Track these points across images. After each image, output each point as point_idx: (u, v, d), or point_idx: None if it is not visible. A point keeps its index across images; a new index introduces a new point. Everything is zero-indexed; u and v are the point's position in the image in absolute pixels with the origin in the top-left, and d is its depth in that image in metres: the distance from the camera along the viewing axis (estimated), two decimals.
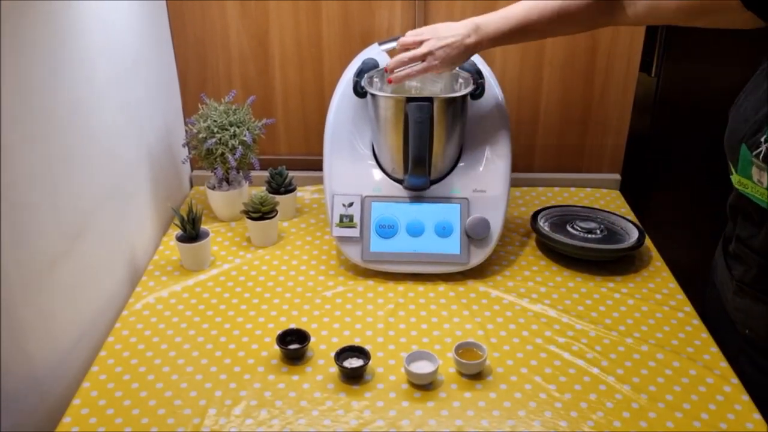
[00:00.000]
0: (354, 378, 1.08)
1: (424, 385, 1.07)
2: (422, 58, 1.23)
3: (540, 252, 1.44)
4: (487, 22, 1.22)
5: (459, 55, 1.23)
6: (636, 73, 1.63)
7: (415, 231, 1.34)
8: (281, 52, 1.63)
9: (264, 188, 1.55)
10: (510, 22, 1.20)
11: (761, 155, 0.95)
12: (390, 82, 1.26)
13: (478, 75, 1.37)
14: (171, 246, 1.45)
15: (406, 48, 1.26)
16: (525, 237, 1.50)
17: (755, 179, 0.98)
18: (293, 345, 1.13)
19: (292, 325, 1.20)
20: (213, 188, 1.54)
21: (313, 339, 1.16)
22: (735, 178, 1.04)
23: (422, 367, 1.08)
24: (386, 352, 1.15)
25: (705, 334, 1.19)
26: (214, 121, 1.46)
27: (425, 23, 1.58)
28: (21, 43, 0.96)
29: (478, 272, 1.36)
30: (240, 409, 1.03)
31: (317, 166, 1.48)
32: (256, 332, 1.19)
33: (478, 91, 1.36)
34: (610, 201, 1.66)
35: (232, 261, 1.41)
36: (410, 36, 1.26)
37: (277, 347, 1.13)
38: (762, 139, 0.95)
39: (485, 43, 1.22)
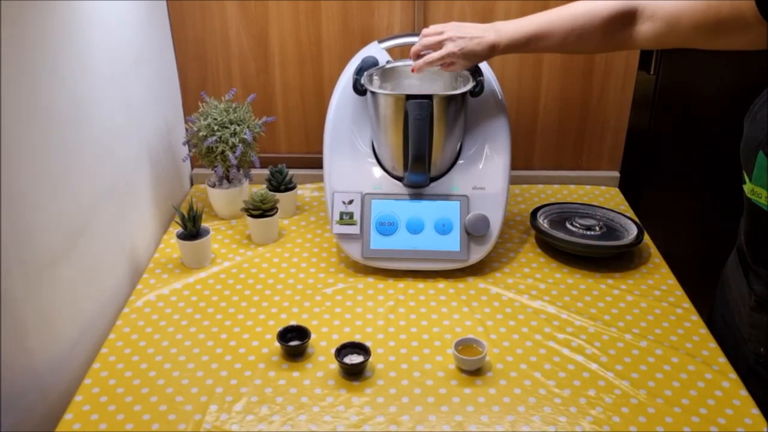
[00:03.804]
0: (354, 374, 1.09)
1: (431, 380, 1.08)
2: (441, 45, 1.24)
3: (539, 249, 1.45)
4: (505, 24, 1.22)
5: (478, 51, 1.22)
6: (635, 71, 1.64)
7: (415, 228, 1.35)
8: (281, 50, 1.63)
9: (264, 186, 1.55)
10: (526, 28, 1.20)
11: None
12: (413, 70, 1.28)
13: (477, 72, 1.37)
14: (172, 244, 1.45)
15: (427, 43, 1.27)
16: (524, 234, 1.51)
17: None
18: (294, 342, 1.14)
19: (293, 322, 1.20)
20: (213, 186, 1.54)
21: (313, 336, 1.16)
22: (748, 188, 1.01)
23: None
24: (386, 348, 1.15)
25: (704, 330, 1.19)
26: (215, 119, 1.47)
27: (424, 22, 1.59)
28: (21, 43, 0.96)
29: (478, 269, 1.37)
30: (241, 406, 1.03)
31: (317, 163, 1.48)
32: (256, 329, 1.20)
33: (478, 88, 1.36)
34: (610, 198, 1.67)
35: (233, 258, 1.41)
36: (432, 28, 1.27)
37: (277, 344, 1.13)
38: None
39: (503, 45, 1.22)
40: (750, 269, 1.11)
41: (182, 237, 1.37)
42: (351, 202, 1.36)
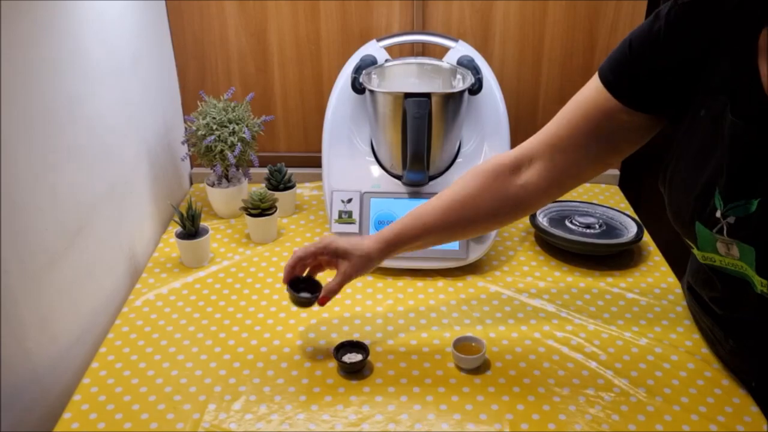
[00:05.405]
0: (353, 373, 1.09)
1: (428, 378, 1.08)
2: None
3: (539, 247, 1.45)
4: (380, 232, 1.09)
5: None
6: None
7: None
8: (280, 49, 1.63)
9: (263, 185, 1.55)
10: (391, 229, 1.08)
11: (724, 231, 0.84)
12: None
13: (476, 71, 1.37)
14: (171, 243, 1.45)
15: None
16: (524, 232, 1.50)
17: (722, 253, 0.88)
18: (305, 293, 1.10)
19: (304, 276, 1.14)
20: (212, 185, 1.54)
21: (311, 335, 1.16)
22: (698, 254, 0.93)
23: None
24: (385, 346, 1.15)
25: None
26: (213, 118, 1.47)
27: (423, 21, 1.59)
28: (21, 42, 0.96)
29: (477, 268, 1.36)
30: (239, 405, 1.03)
31: (316, 162, 1.48)
32: (255, 328, 1.20)
33: (476, 86, 1.36)
34: (609, 196, 1.66)
35: (232, 258, 1.41)
36: None
37: (287, 291, 1.09)
38: (717, 215, 0.84)
39: (375, 250, 1.08)
40: (722, 320, 1.05)
41: (181, 236, 1.37)
42: (350, 200, 1.36)
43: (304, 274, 1.12)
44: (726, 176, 0.83)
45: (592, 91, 0.95)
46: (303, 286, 1.11)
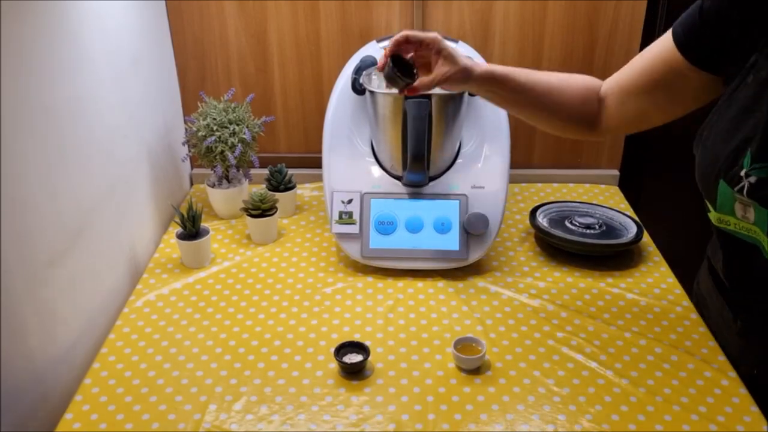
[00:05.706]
0: (353, 373, 1.09)
1: (433, 378, 1.08)
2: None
3: (539, 248, 1.45)
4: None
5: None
6: None
7: (414, 227, 1.35)
8: (280, 50, 1.63)
9: (264, 186, 1.55)
10: (499, 68, 1.10)
11: (744, 190, 0.87)
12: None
13: None
14: (171, 244, 1.45)
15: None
16: (524, 233, 1.50)
17: (739, 215, 0.90)
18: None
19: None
20: (213, 186, 1.54)
21: (312, 335, 1.16)
22: (714, 216, 0.96)
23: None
24: (385, 347, 1.15)
25: (703, 328, 1.19)
26: (214, 119, 1.47)
27: (423, 21, 1.59)
28: (21, 43, 0.96)
29: (477, 268, 1.37)
30: (240, 405, 1.03)
31: (316, 163, 1.48)
32: (255, 329, 1.20)
33: None
34: (609, 197, 1.66)
35: (232, 258, 1.41)
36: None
37: (388, 61, 1.04)
38: (741, 173, 0.87)
39: (477, 71, 1.08)
40: (732, 296, 1.07)
41: (182, 237, 1.37)
42: (350, 201, 1.36)
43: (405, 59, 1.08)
44: (761, 136, 0.85)
45: (664, 47, 0.99)
46: (400, 67, 1.06)
